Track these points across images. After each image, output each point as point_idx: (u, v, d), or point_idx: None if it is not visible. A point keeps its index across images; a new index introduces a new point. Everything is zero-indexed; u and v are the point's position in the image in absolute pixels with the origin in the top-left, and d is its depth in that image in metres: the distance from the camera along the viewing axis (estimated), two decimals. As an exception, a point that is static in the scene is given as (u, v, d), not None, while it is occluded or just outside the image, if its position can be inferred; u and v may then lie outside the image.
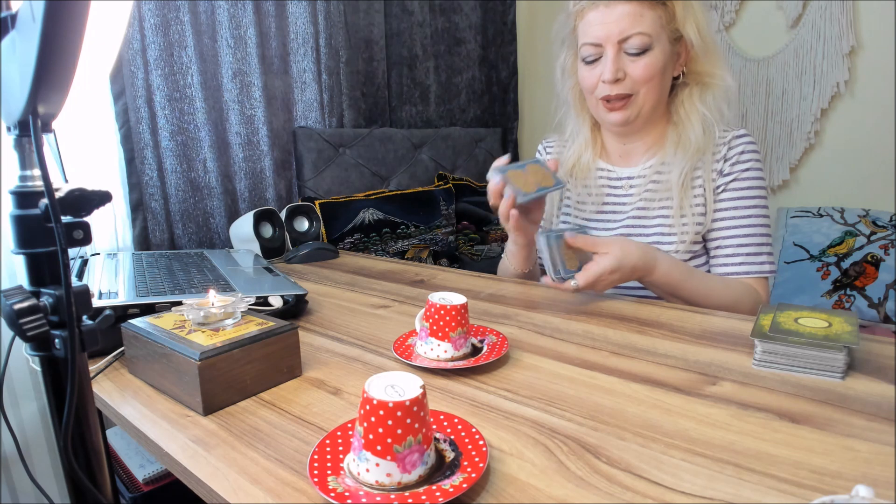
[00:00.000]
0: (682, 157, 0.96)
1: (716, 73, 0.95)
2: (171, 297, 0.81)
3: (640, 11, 0.89)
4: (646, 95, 0.93)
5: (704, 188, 0.96)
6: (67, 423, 0.39)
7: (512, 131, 2.39)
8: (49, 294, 0.39)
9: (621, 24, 0.89)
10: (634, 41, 0.89)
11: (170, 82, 1.40)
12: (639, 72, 0.91)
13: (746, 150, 0.94)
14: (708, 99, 0.95)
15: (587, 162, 1.07)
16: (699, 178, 0.96)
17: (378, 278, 1.16)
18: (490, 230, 2.03)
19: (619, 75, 0.91)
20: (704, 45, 0.93)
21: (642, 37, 0.89)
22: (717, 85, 0.95)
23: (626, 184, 1.04)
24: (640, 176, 1.02)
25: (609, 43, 0.91)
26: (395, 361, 0.71)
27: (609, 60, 0.91)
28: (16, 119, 0.38)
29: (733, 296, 0.90)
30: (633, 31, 0.89)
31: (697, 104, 0.95)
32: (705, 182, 0.96)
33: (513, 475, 0.46)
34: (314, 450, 0.48)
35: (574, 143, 1.09)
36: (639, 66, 0.91)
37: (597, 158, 1.08)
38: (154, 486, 1.09)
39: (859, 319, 0.79)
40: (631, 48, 0.90)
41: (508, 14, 2.30)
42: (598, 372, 0.65)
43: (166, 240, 1.43)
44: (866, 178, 1.71)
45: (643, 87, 0.92)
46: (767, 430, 0.51)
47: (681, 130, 0.97)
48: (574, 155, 1.08)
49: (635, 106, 0.94)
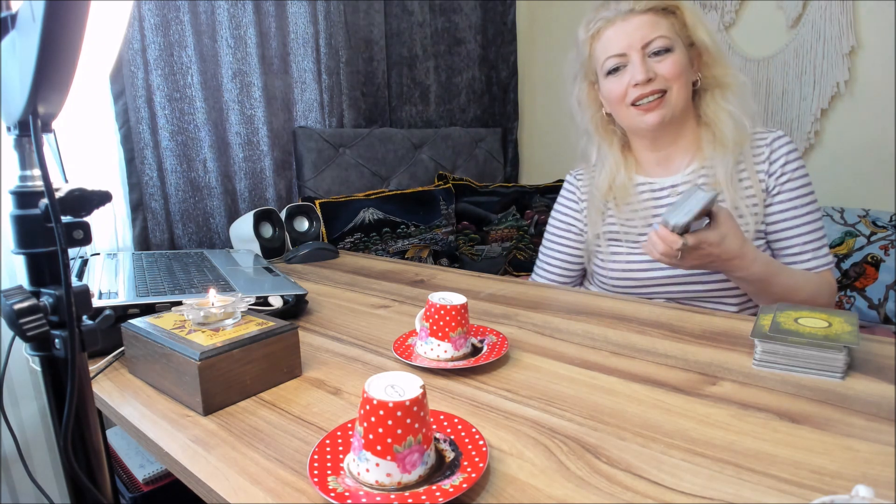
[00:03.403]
0: (723, 155, 0.97)
1: (729, 73, 0.98)
2: (171, 297, 0.81)
3: (656, 20, 0.94)
4: (677, 92, 0.95)
5: (755, 191, 0.96)
6: (67, 423, 0.39)
7: (512, 131, 2.39)
8: (49, 294, 0.39)
9: (642, 31, 0.93)
10: (657, 43, 0.93)
11: (170, 82, 1.40)
12: (667, 69, 0.93)
13: (791, 151, 0.96)
14: (730, 97, 0.98)
15: (623, 181, 1.05)
16: (744, 173, 0.97)
17: (378, 278, 1.16)
18: (490, 230, 2.03)
19: (650, 75, 0.93)
20: (716, 47, 0.97)
21: (663, 39, 0.93)
22: (733, 84, 0.98)
23: (671, 192, 1.03)
24: (684, 182, 1.01)
25: (633, 49, 0.93)
26: (395, 361, 0.71)
27: (637, 63, 0.93)
28: (16, 119, 0.38)
29: (815, 289, 0.92)
30: (653, 35, 0.93)
31: (722, 103, 0.98)
32: (752, 179, 0.97)
33: (513, 475, 0.46)
34: (314, 450, 0.48)
35: (604, 166, 1.07)
36: (666, 64, 0.93)
37: (633, 175, 1.07)
38: (154, 486, 1.09)
39: (859, 320, 0.79)
40: (655, 50, 0.93)
41: (508, 14, 2.30)
42: (598, 372, 0.65)
43: (166, 240, 1.43)
44: (866, 178, 1.71)
45: (674, 84, 0.94)
46: (767, 430, 0.51)
47: (714, 129, 0.98)
48: (608, 177, 1.07)
49: (669, 104, 0.95)
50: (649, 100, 0.94)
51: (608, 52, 0.96)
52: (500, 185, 2.12)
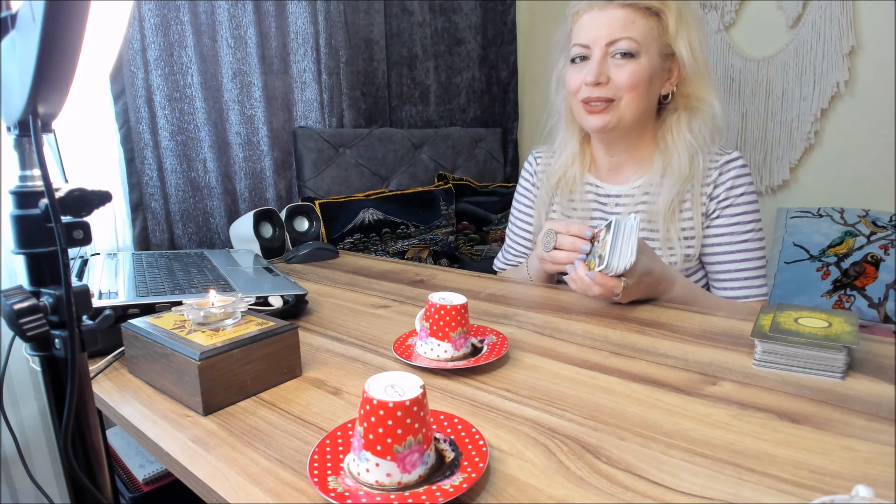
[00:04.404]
0: (669, 186, 0.95)
1: (704, 98, 0.94)
2: (171, 297, 0.81)
3: (633, 18, 0.89)
4: (627, 103, 0.92)
5: (693, 215, 0.95)
6: (67, 423, 0.39)
7: (512, 131, 2.39)
8: (49, 294, 0.39)
9: (611, 27, 0.89)
10: (622, 45, 0.89)
11: (170, 82, 1.40)
12: (623, 77, 0.90)
13: (740, 175, 0.93)
14: (695, 126, 0.94)
15: (573, 176, 1.05)
16: (687, 203, 0.95)
17: (378, 278, 1.16)
18: (490, 230, 2.03)
19: (601, 78, 0.90)
20: (696, 66, 0.93)
21: (630, 42, 0.89)
22: (704, 111, 0.94)
23: (612, 201, 1.03)
24: (627, 195, 1.01)
25: (597, 45, 0.90)
26: (395, 361, 0.71)
27: (594, 62, 0.91)
28: (16, 119, 0.38)
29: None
30: (621, 35, 0.89)
31: (685, 132, 0.95)
32: (694, 208, 0.95)
33: (513, 475, 0.46)
34: (314, 450, 0.48)
35: (562, 155, 1.07)
36: (624, 71, 0.90)
37: (585, 172, 1.06)
38: (154, 486, 1.09)
39: (859, 319, 0.79)
40: (617, 52, 0.90)
41: (508, 14, 2.30)
42: (598, 372, 0.65)
43: (166, 240, 1.43)
44: (866, 178, 1.71)
45: (626, 94, 0.91)
46: (767, 430, 0.51)
47: (666, 159, 0.96)
48: (560, 169, 1.07)
49: (616, 112, 0.92)
50: (596, 103, 0.92)
51: (578, 38, 0.93)
52: (500, 185, 2.12)
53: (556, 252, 0.88)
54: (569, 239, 0.86)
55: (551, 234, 0.88)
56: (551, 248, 0.88)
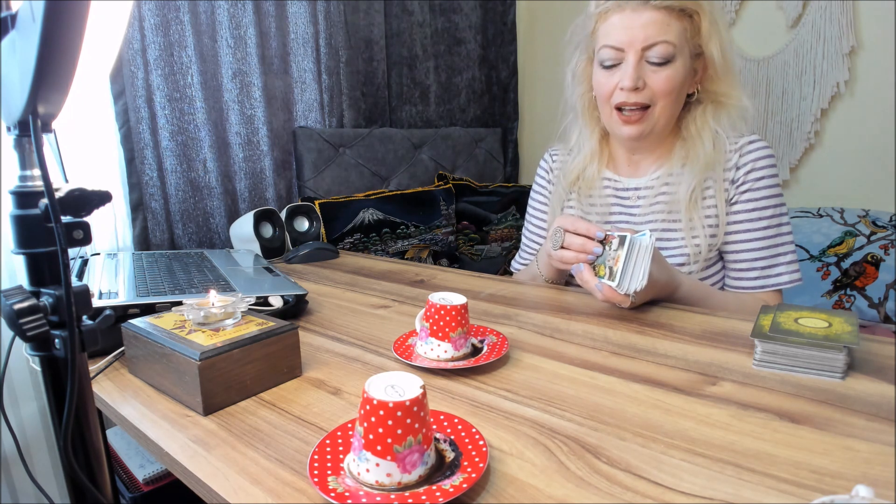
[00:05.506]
0: (690, 173, 0.92)
1: (732, 94, 0.92)
2: (171, 297, 0.81)
3: (668, 20, 0.85)
4: (662, 109, 0.90)
5: (717, 202, 0.92)
6: (67, 423, 0.39)
7: (512, 131, 2.39)
8: (49, 294, 0.39)
9: (647, 30, 0.85)
10: (658, 49, 0.86)
11: (170, 82, 1.40)
12: (660, 83, 0.87)
13: (760, 157, 0.90)
14: (722, 118, 0.92)
15: (592, 174, 1.03)
16: (710, 190, 0.93)
17: (378, 278, 1.16)
18: (490, 230, 2.03)
19: (638, 84, 0.87)
20: (725, 65, 0.90)
21: (667, 46, 0.85)
22: (732, 105, 0.92)
23: (633, 195, 1.01)
24: (647, 187, 0.99)
25: (632, 49, 0.87)
26: (395, 361, 0.71)
27: (630, 67, 0.87)
28: (16, 119, 0.38)
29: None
30: (658, 38, 0.85)
31: (710, 121, 0.92)
32: (717, 195, 0.92)
33: (513, 475, 0.46)
34: (314, 450, 0.48)
35: (579, 153, 1.05)
36: (660, 77, 0.87)
37: (603, 168, 1.04)
38: (154, 486, 1.09)
39: (859, 319, 0.79)
40: (654, 57, 0.86)
41: (508, 14, 2.30)
42: (598, 372, 0.65)
43: (166, 240, 1.43)
44: (866, 178, 1.71)
45: (662, 101, 0.89)
46: (767, 430, 0.51)
47: (689, 146, 0.93)
48: (579, 166, 1.05)
49: (651, 120, 0.90)
50: (632, 109, 0.90)
51: (608, 40, 0.89)
52: (500, 185, 2.12)
53: (563, 251, 0.85)
54: (578, 240, 0.84)
55: (560, 231, 0.86)
56: (559, 246, 0.86)
